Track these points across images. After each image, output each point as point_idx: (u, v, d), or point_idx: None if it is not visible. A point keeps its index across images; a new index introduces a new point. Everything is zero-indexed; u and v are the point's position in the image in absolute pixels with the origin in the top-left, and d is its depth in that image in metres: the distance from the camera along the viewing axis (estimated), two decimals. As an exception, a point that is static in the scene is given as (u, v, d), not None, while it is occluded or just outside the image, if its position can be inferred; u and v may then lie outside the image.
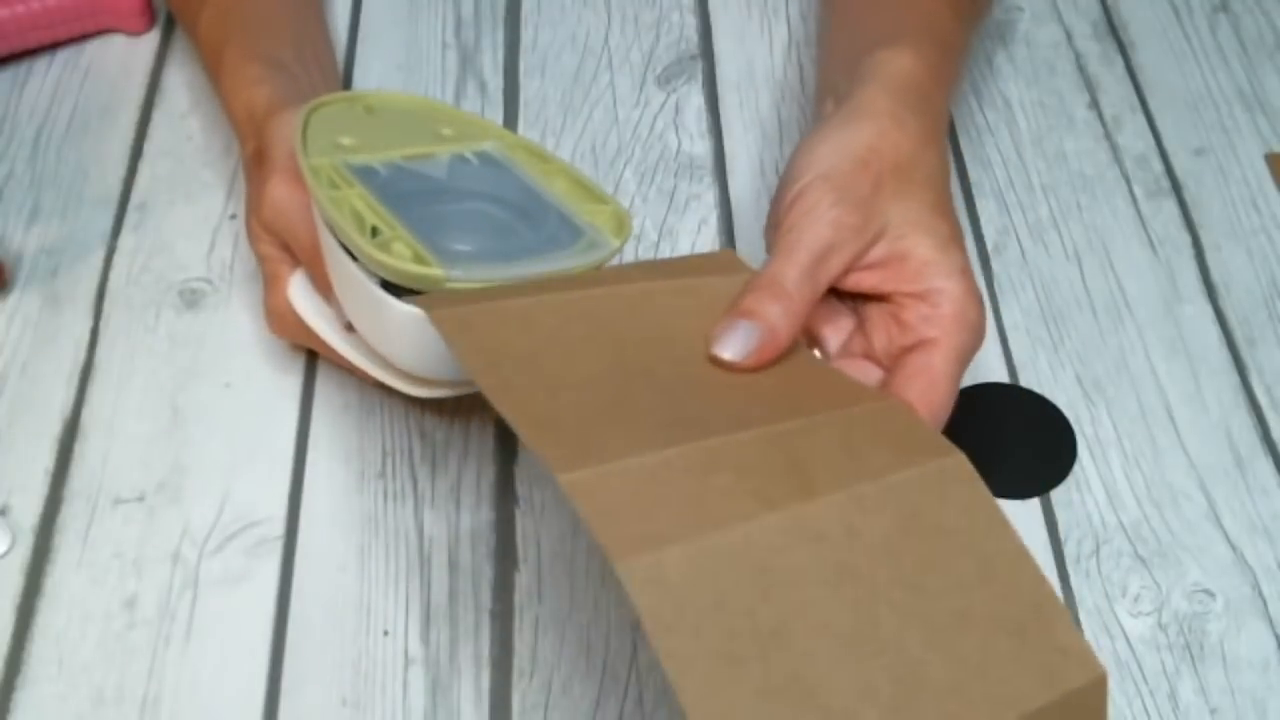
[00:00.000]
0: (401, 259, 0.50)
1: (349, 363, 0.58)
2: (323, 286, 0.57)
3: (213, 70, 0.68)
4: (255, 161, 0.61)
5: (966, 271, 0.54)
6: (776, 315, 0.50)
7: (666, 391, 0.48)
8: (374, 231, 0.52)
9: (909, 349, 0.54)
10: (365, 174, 0.55)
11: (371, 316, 0.53)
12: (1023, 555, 0.46)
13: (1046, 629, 0.45)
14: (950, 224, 0.55)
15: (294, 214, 0.57)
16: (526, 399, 0.45)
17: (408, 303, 0.50)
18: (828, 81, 0.65)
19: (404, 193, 0.55)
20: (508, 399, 0.45)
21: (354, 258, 0.52)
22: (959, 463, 0.47)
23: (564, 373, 0.47)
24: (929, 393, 0.52)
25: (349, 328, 0.57)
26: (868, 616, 0.42)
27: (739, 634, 0.40)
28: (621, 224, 0.55)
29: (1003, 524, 0.47)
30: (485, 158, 0.58)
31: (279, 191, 0.57)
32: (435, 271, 0.50)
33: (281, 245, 0.59)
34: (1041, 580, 0.46)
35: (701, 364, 0.50)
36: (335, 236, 0.53)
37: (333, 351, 0.59)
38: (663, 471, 0.43)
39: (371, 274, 0.51)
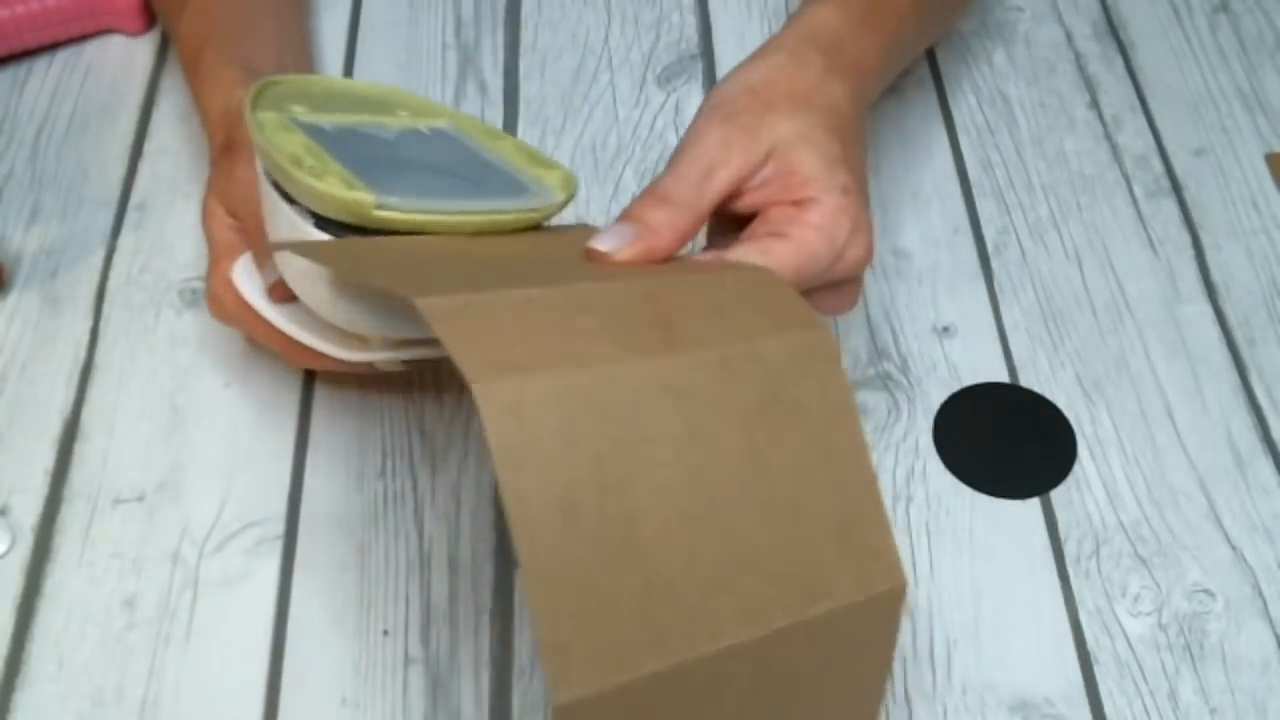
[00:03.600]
0: (332, 185, 0.48)
1: (284, 342, 0.57)
2: (263, 260, 0.57)
3: (190, 70, 0.68)
4: (223, 151, 0.61)
5: (849, 191, 0.53)
6: (658, 218, 0.51)
7: (541, 264, 0.48)
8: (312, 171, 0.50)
9: (761, 238, 0.53)
10: (312, 130, 0.53)
11: (305, 264, 0.51)
12: (861, 451, 0.46)
13: (865, 529, 0.45)
14: (841, 145, 0.54)
15: (252, 192, 0.57)
16: (397, 271, 0.45)
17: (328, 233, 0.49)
18: None
19: (348, 149, 0.53)
20: (377, 273, 0.44)
21: (290, 202, 0.51)
22: (825, 338, 0.47)
23: (442, 262, 0.47)
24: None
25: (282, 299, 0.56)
26: (709, 485, 0.42)
27: (583, 481, 0.40)
28: (567, 184, 0.55)
29: (850, 413, 0.46)
30: (437, 132, 0.58)
31: (241, 171, 0.58)
32: (364, 196, 0.48)
33: (234, 228, 0.59)
34: (871, 480, 0.46)
35: (579, 256, 0.50)
36: (273, 184, 0.51)
37: (268, 333, 0.58)
38: (529, 307, 0.42)
39: (306, 214, 0.50)
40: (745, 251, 0.51)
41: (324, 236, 0.50)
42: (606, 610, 0.39)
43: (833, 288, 0.55)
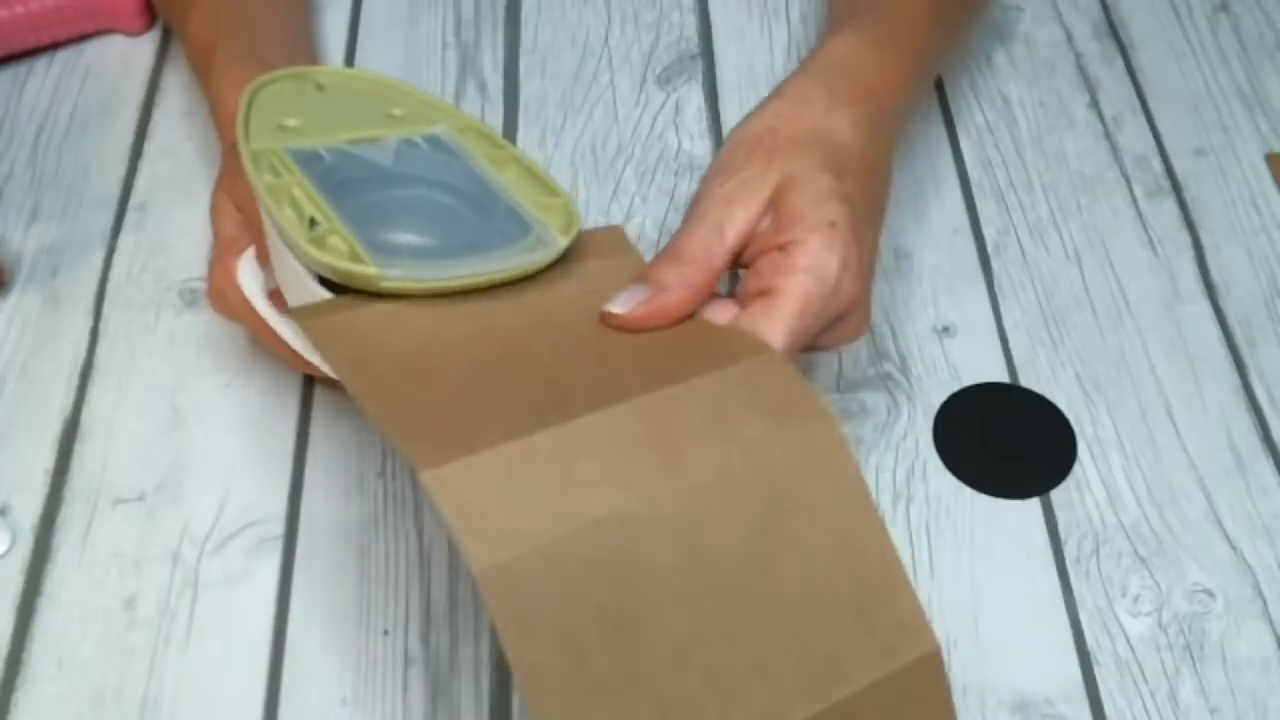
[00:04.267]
0: (338, 256, 0.48)
1: (284, 347, 0.57)
2: (265, 258, 0.57)
3: (201, 69, 0.68)
4: (233, 147, 0.60)
5: (836, 225, 0.53)
6: (670, 277, 0.52)
7: (544, 372, 0.48)
8: (312, 223, 0.50)
9: (753, 295, 0.53)
10: (308, 160, 0.53)
11: (313, 288, 0.51)
12: (877, 529, 0.47)
13: (888, 604, 0.46)
14: (836, 179, 0.54)
15: None
16: (396, 399, 0.45)
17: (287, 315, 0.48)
18: None
19: (347, 180, 0.53)
20: (376, 401, 0.45)
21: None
22: (828, 428, 0.48)
23: (438, 369, 0.47)
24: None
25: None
26: (716, 602, 0.43)
27: (586, 627, 0.41)
28: (570, 221, 0.53)
29: (863, 495, 0.47)
30: (435, 142, 0.57)
31: None
32: (370, 270, 0.48)
33: (240, 222, 0.59)
34: (892, 555, 0.47)
35: (582, 342, 0.50)
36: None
37: (268, 335, 0.58)
38: (528, 459, 0.43)
39: (308, 267, 0.50)
40: (744, 321, 0.52)
41: (322, 292, 0.50)
42: None
43: (838, 321, 0.55)
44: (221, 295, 0.59)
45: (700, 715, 0.42)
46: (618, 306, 0.51)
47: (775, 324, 0.51)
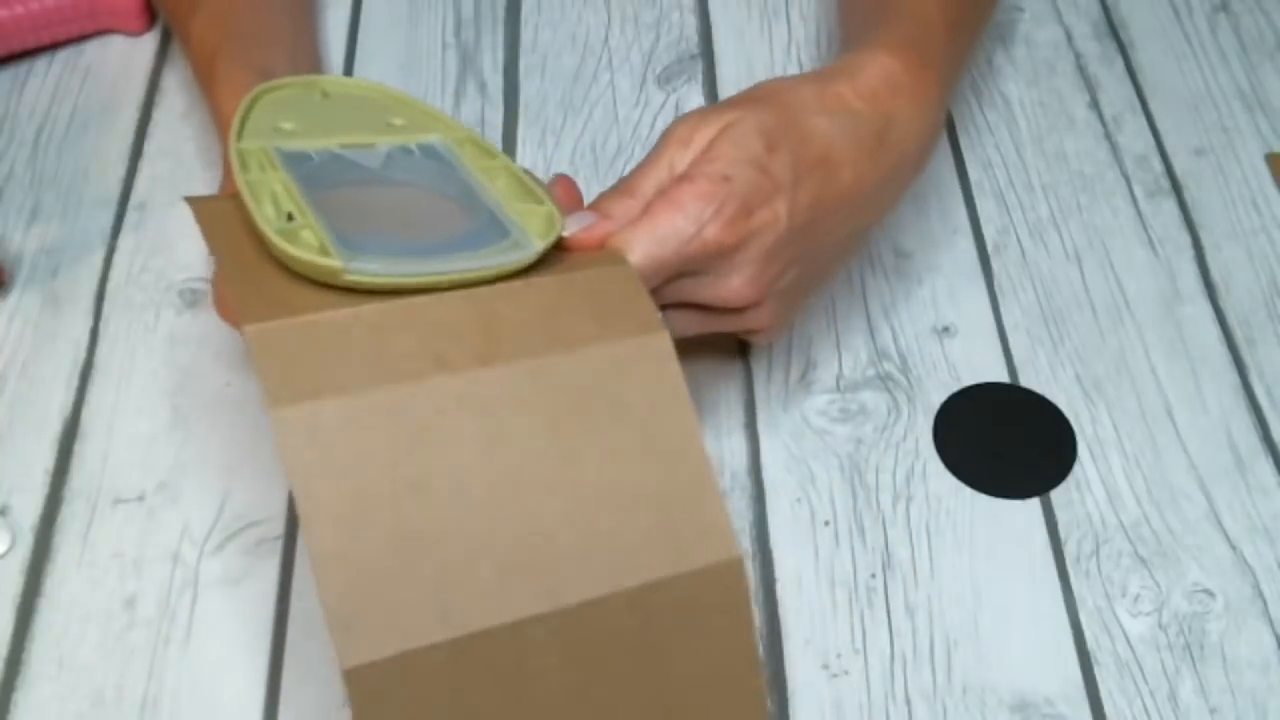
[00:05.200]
0: (306, 249, 0.48)
1: None
2: None
3: (204, 74, 0.67)
4: None
5: (730, 181, 0.54)
6: (617, 209, 0.54)
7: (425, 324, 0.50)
8: (289, 217, 0.50)
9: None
10: (295, 160, 0.53)
11: None
12: (690, 434, 0.48)
13: (694, 509, 0.47)
14: (763, 145, 0.55)
15: None
16: (256, 276, 0.48)
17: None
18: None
19: (332, 181, 0.53)
20: (232, 263, 0.48)
21: None
22: (659, 340, 0.49)
23: (321, 304, 0.48)
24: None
25: None
26: (509, 483, 0.45)
27: (376, 484, 0.44)
28: (551, 226, 0.52)
29: (681, 402, 0.48)
30: (427, 150, 0.57)
31: None
32: (333, 263, 0.48)
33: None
34: (702, 463, 0.48)
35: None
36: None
37: None
38: (351, 326, 0.46)
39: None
40: (617, 238, 0.53)
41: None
42: (393, 592, 0.43)
43: (712, 278, 0.55)
44: (227, 303, 0.58)
45: (476, 580, 0.44)
46: (567, 230, 0.53)
47: (634, 241, 0.53)
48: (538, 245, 0.51)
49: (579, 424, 0.47)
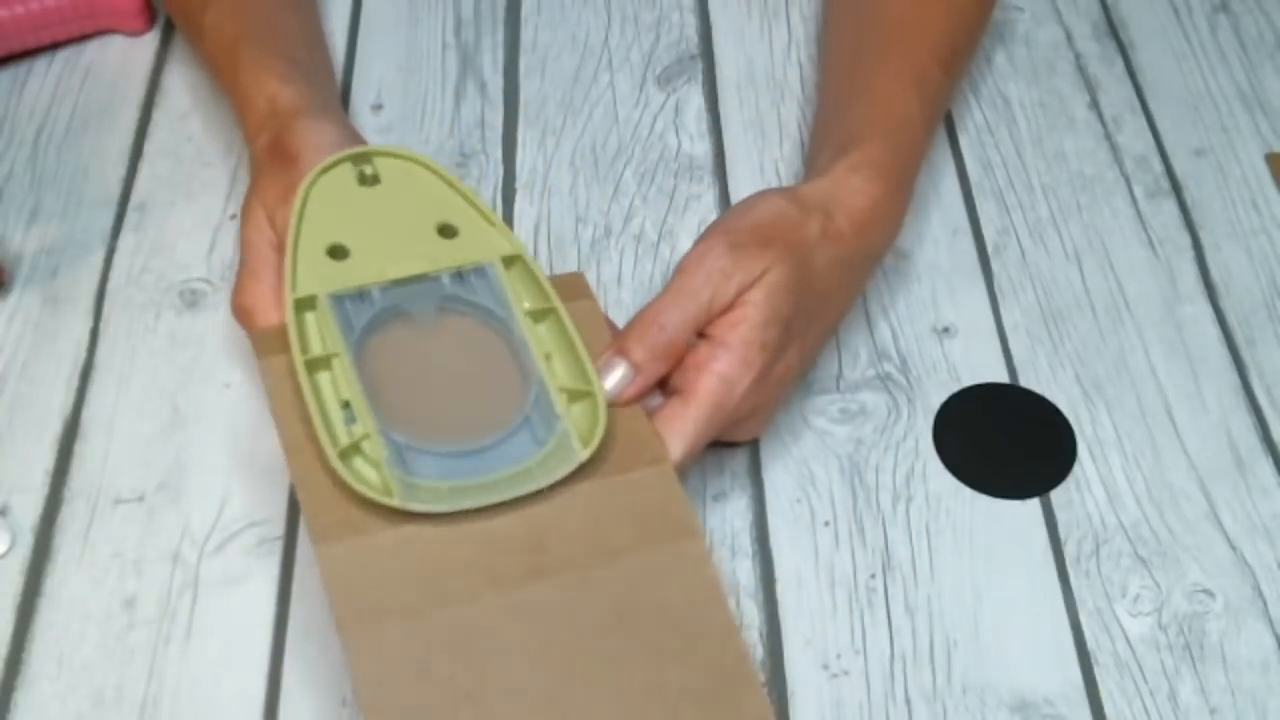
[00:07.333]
0: (367, 485, 0.50)
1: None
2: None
3: (224, 61, 0.66)
4: (270, 153, 0.60)
5: (766, 348, 0.55)
6: (642, 353, 0.55)
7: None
8: (345, 404, 0.52)
9: (671, 390, 0.56)
10: (353, 307, 0.55)
11: None
12: (728, 631, 0.50)
13: (733, 700, 0.49)
14: (792, 302, 0.56)
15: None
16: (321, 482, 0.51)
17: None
18: (815, 139, 0.69)
19: (387, 330, 0.55)
20: (299, 463, 0.52)
21: None
22: (695, 545, 0.52)
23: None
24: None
25: None
26: (559, 685, 0.48)
27: (435, 694, 0.47)
28: (595, 424, 0.53)
29: (718, 602, 0.51)
30: (481, 278, 0.56)
31: (293, 179, 0.57)
32: (393, 502, 0.50)
33: (272, 244, 0.58)
34: (743, 655, 0.50)
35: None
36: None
37: None
38: (412, 542, 0.50)
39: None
40: (657, 421, 0.55)
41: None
42: None
43: (734, 426, 0.57)
44: (249, 315, 0.58)
45: None
46: (603, 385, 0.54)
47: (685, 426, 0.54)
48: (582, 455, 0.52)
49: (623, 628, 0.50)
